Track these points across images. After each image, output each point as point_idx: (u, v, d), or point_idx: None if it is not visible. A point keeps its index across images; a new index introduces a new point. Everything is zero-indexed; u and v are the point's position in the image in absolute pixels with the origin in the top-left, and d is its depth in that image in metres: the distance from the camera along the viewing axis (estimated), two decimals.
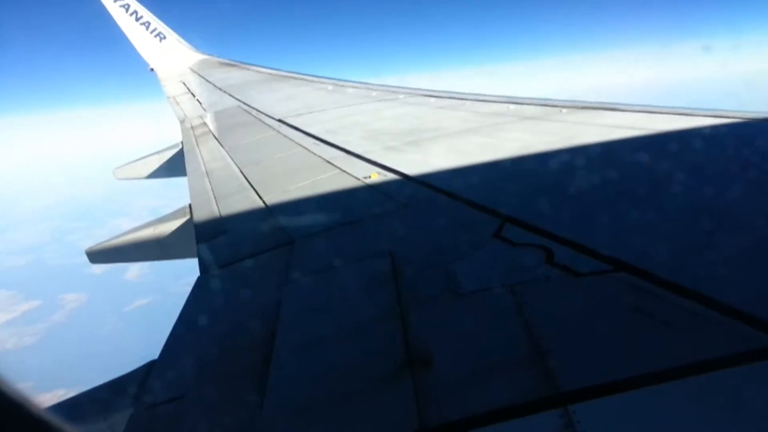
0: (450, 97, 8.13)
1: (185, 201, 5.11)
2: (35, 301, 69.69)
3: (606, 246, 2.47)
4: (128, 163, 9.84)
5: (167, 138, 9.85)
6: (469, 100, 7.67)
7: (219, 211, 4.44)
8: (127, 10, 18.77)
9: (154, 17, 19.23)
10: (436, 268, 2.66)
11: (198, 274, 3.28)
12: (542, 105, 6.48)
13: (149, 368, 2.31)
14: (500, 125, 5.78)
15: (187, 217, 4.69)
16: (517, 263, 2.53)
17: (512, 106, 6.67)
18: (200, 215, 4.46)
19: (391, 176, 4.40)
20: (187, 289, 3.02)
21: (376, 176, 4.43)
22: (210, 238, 3.88)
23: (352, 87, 11.00)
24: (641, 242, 2.55)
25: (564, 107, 6.10)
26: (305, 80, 13.38)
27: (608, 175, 3.74)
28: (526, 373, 1.71)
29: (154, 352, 2.44)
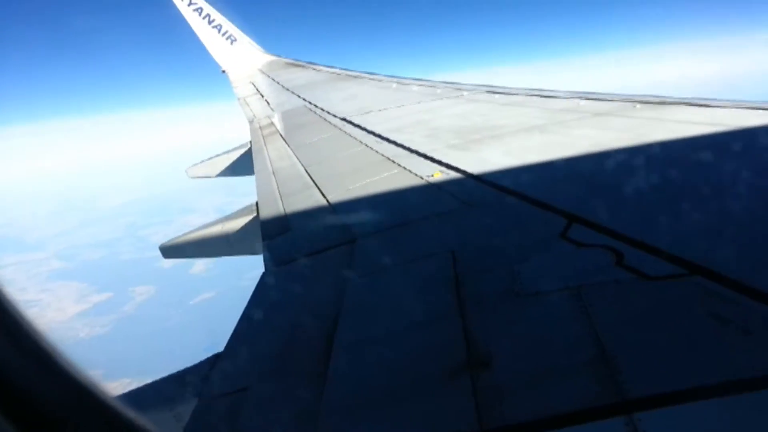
0: (516, 94, 7.94)
1: (250, 199, 5.25)
2: (107, 293, 73.95)
3: (680, 248, 2.32)
4: (200, 162, 10.23)
5: (238, 138, 10.19)
6: (536, 96, 7.46)
7: (284, 208, 4.54)
8: (200, 14, 19.52)
9: (226, 20, 19.90)
10: (500, 268, 2.60)
11: (262, 270, 3.35)
12: (614, 100, 6.20)
13: (214, 361, 2.38)
14: (569, 122, 5.59)
15: (254, 214, 4.82)
16: (585, 265, 2.43)
17: (582, 102, 6.43)
18: (266, 213, 4.57)
19: (454, 175, 4.34)
20: (251, 284, 3.10)
21: (439, 175, 4.38)
22: (275, 236, 3.97)
23: (416, 85, 10.96)
24: (718, 245, 2.39)
25: (638, 102, 5.81)
26: (369, 79, 13.47)
27: (684, 173, 3.53)
28: (590, 378, 1.64)
29: (216, 345, 2.51)
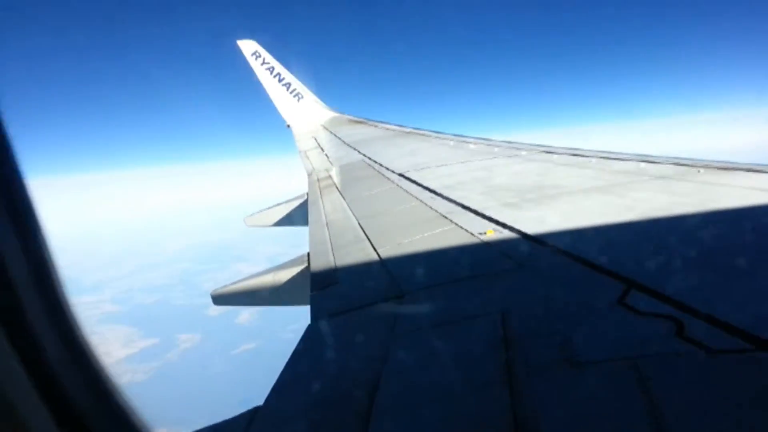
0: (575, 154, 7.83)
1: (302, 250, 5.32)
2: (154, 338, 75.66)
3: (746, 322, 2.16)
4: (258, 212, 10.53)
5: (297, 190, 10.48)
6: (595, 157, 7.33)
7: (335, 261, 4.56)
8: (271, 72, 20.58)
9: (295, 78, 20.89)
10: (552, 334, 2.48)
11: (306, 321, 3.34)
12: (677, 164, 6.01)
13: (253, 414, 2.35)
14: (629, 184, 5.44)
15: (305, 265, 4.86)
16: (643, 334, 2.29)
17: (643, 165, 6.26)
18: (317, 264, 4.60)
19: (508, 234, 4.27)
20: (293, 336, 3.09)
21: (492, 233, 4.32)
22: (323, 287, 3.97)
23: (474, 143, 11.03)
24: None
25: (701, 167, 5.61)
26: (428, 136, 13.66)
27: (749, 242, 3.33)
28: None
29: (252, 398, 2.48)
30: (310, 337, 3.18)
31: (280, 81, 20.55)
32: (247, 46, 20.46)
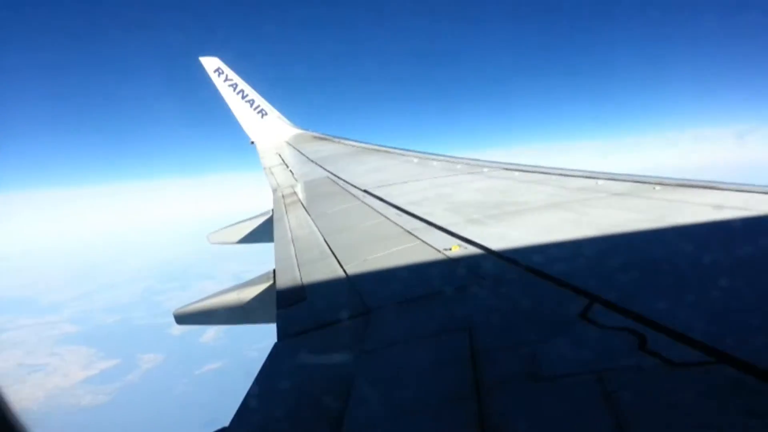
0: (535, 171, 8.02)
1: (267, 266, 5.26)
2: (115, 359, 73.38)
3: (705, 334, 2.24)
4: (222, 229, 10.38)
5: (262, 206, 10.37)
6: (555, 174, 7.52)
7: (301, 277, 4.53)
8: (234, 89, 20.45)
9: (258, 95, 20.81)
10: (518, 348, 2.52)
11: (272, 339, 3.31)
12: (633, 181, 6.22)
13: None
14: (587, 201, 5.59)
15: (270, 282, 4.81)
16: (607, 348, 2.35)
17: (600, 182, 6.45)
18: (283, 281, 4.56)
19: (472, 249, 4.32)
20: (259, 355, 3.05)
21: (457, 249, 4.37)
22: (290, 305, 3.94)
23: (437, 160, 11.16)
24: (746, 333, 2.30)
25: (657, 184, 5.81)
26: (392, 153, 13.76)
27: (706, 256, 3.46)
28: None
29: (215, 419, 2.44)
30: (276, 355, 3.14)
31: (243, 98, 20.43)
32: (210, 63, 20.30)
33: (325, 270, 4.58)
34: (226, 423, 2.40)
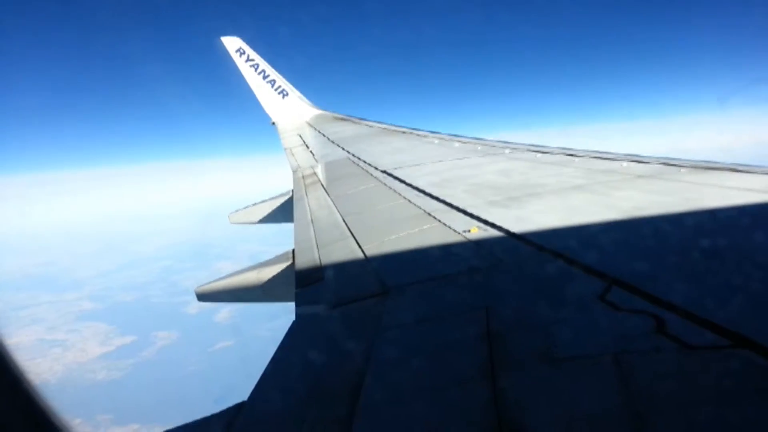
0: (557, 153, 7.90)
1: (283, 247, 5.30)
2: (131, 336, 75.10)
3: (725, 319, 2.20)
4: (242, 209, 10.46)
5: (282, 187, 10.43)
6: (579, 156, 7.41)
7: (319, 258, 4.55)
8: (256, 69, 20.46)
9: (279, 75, 20.80)
10: (534, 329, 2.51)
11: (287, 318, 3.34)
12: (658, 163, 6.10)
13: (237, 410, 2.35)
14: (611, 183, 5.50)
15: (290, 262, 4.85)
16: (624, 330, 2.33)
17: (625, 164, 6.34)
18: (301, 261, 4.59)
19: (492, 231, 4.30)
20: (271, 335, 3.08)
21: (477, 231, 4.34)
22: (308, 284, 3.97)
23: (459, 141, 11.07)
24: (765, 316, 2.25)
25: (683, 166, 5.69)
26: (414, 134, 13.69)
27: (731, 240, 3.39)
28: None
29: (226, 395, 2.48)
30: (295, 332, 3.18)
31: (264, 78, 20.45)
32: (231, 43, 20.32)
33: (344, 250, 4.59)
34: (238, 398, 2.44)
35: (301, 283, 4.05)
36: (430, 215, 5.14)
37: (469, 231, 4.36)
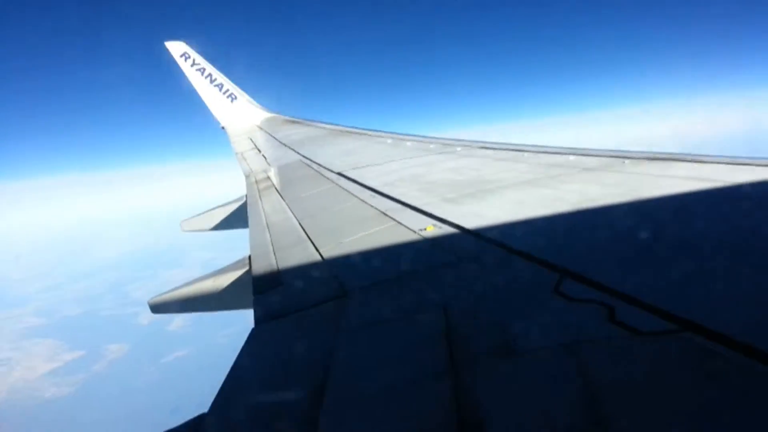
0: (508, 149, 8.07)
1: (236, 253, 5.23)
2: (80, 351, 72.55)
3: (672, 304, 2.31)
4: (195, 216, 10.26)
5: (235, 193, 10.27)
6: (528, 151, 7.59)
7: (276, 262, 4.51)
8: (202, 73, 20.09)
9: (227, 79, 20.49)
10: (492, 324, 2.56)
11: (244, 325, 3.30)
12: (604, 156, 6.31)
13: (198, 423, 2.30)
14: (560, 177, 5.66)
15: (246, 268, 4.78)
16: (577, 320, 2.40)
17: (572, 157, 6.53)
18: (258, 267, 4.54)
19: (447, 229, 4.35)
20: (228, 341, 3.05)
21: (432, 229, 4.39)
22: (266, 290, 3.93)
23: (411, 140, 11.16)
24: (711, 302, 2.37)
25: (627, 158, 5.91)
26: (366, 135, 13.71)
27: (675, 228, 3.55)
28: None
29: (183, 406, 2.44)
30: (254, 339, 3.14)
31: (212, 82, 20.11)
32: (176, 48, 19.88)
33: (301, 254, 4.56)
34: (196, 407, 2.39)
35: (259, 289, 4.00)
36: (386, 215, 5.16)
37: (424, 229, 4.41)
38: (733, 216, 3.63)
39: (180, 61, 19.70)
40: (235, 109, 20.12)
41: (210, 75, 20.01)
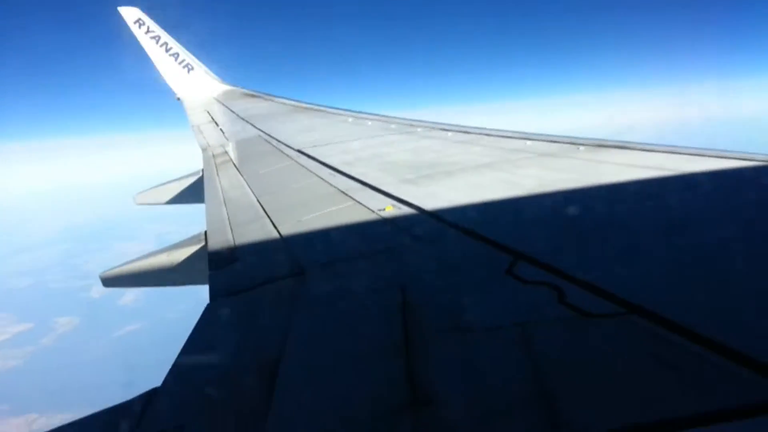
0: (467, 132, 8.16)
1: (190, 228, 5.16)
2: (28, 323, 70.19)
3: (619, 288, 2.42)
4: (149, 189, 10.00)
5: (190, 166, 10.04)
6: (487, 135, 7.69)
7: (233, 238, 4.47)
8: (157, 42, 19.40)
9: (183, 49, 19.85)
10: (447, 304, 2.63)
11: (197, 300, 3.28)
12: (560, 142, 6.47)
13: (150, 396, 2.29)
14: (517, 161, 5.77)
15: (202, 243, 4.72)
16: (528, 301, 2.49)
17: (529, 143, 6.66)
18: (214, 242, 4.49)
19: (406, 209, 4.39)
20: (181, 316, 3.03)
21: (391, 209, 4.43)
22: (222, 266, 3.90)
23: (372, 120, 11.13)
24: (656, 286, 2.50)
25: (582, 145, 6.07)
26: (326, 112, 13.59)
27: (626, 215, 3.69)
28: (531, 416, 1.66)
29: (135, 380, 2.42)
30: (209, 314, 3.12)
31: (167, 51, 19.45)
32: (129, 13, 19.10)
33: (259, 231, 4.54)
34: (146, 383, 2.38)
35: (215, 264, 3.96)
36: (345, 194, 5.17)
37: (383, 209, 4.44)
38: (682, 204, 3.80)
39: (134, 28, 18.95)
40: (191, 80, 19.55)
41: (166, 44, 19.34)
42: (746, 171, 4.32)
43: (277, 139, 9.77)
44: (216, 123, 13.79)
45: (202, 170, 8.81)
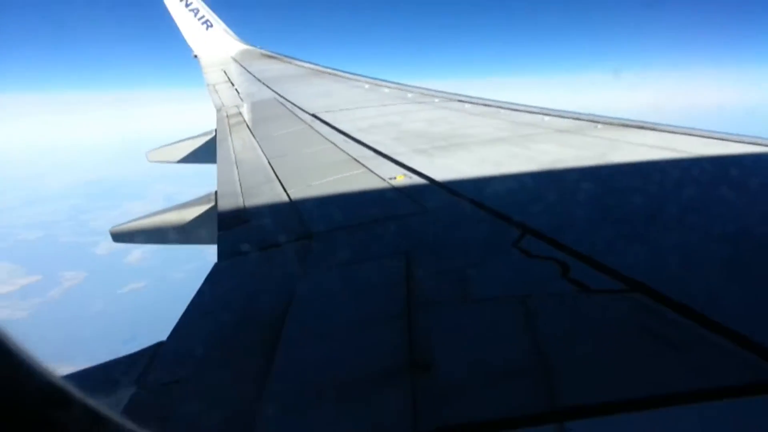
0: (484, 104, 8.05)
1: (199, 188, 5.17)
2: (36, 276, 71.18)
3: (623, 265, 2.41)
4: (161, 147, 10.02)
5: (204, 125, 10.02)
6: (504, 108, 7.59)
7: (243, 200, 4.48)
8: None
9: (203, 4, 19.60)
10: (451, 273, 2.63)
11: (204, 261, 3.30)
12: (577, 119, 6.37)
13: (156, 349, 2.33)
14: (532, 136, 5.70)
15: (212, 204, 4.74)
16: (533, 275, 2.49)
17: (546, 118, 6.57)
18: (224, 203, 4.51)
19: (417, 179, 4.37)
20: (185, 276, 3.05)
21: (402, 178, 4.41)
22: (231, 227, 3.92)
23: (388, 87, 11.01)
24: (661, 265, 2.48)
25: (599, 123, 5.98)
26: (343, 77, 13.45)
27: (636, 194, 3.65)
28: (526, 385, 1.68)
29: (137, 337, 2.45)
30: (217, 273, 3.15)
31: (187, 5, 19.22)
32: None
33: (269, 194, 4.54)
34: (149, 339, 2.41)
35: (224, 225, 3.99)
36: (357, 161, 5.14)
37: (394, 178, 4.42)
38: (695, 187, 3.75)
39: None
40: (209, 37, 19.35)
41: None
42: (765, 157, 4.24)
43: (292, 103, 9.71)
44: (232, 83, 13.71)
45: (215, 130, 8.80)
